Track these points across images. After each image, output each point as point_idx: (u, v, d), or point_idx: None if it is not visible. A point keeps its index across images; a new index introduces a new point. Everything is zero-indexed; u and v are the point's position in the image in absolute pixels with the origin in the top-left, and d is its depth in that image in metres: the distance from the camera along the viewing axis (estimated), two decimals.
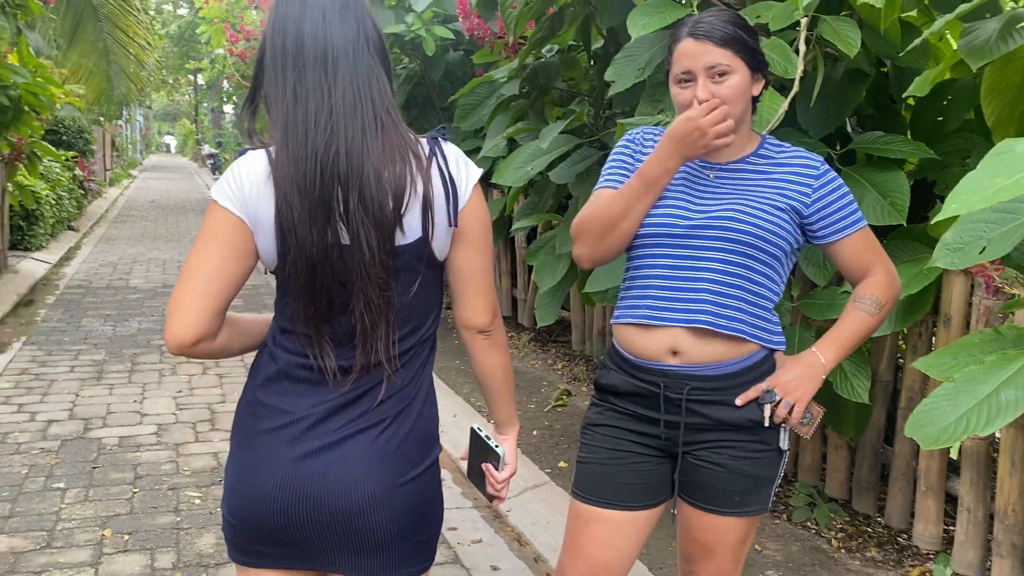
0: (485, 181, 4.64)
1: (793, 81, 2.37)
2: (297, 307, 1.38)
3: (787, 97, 2.31)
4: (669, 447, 1.75)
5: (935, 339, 2.98)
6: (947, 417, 1.58)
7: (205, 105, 39.75)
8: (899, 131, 2.98)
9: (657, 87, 2.94)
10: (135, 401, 4.80)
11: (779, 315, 1.79)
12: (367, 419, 1.41)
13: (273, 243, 1.35)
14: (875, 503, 3.30)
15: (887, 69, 3.10)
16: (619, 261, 1.88)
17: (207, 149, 31.21)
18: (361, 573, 1.45)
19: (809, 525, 3.25)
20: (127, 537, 3.13)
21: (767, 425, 1.70)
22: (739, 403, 1.69)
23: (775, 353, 1.76)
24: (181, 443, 4.14)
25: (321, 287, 1.35)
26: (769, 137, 1.80)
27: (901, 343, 3.31)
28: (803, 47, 2.41)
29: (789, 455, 2.03)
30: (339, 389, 1.40)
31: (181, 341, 1.36)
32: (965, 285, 2.80)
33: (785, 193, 1.69)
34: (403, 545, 1.44)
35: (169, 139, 59.72)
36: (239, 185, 1.35)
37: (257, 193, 1.34)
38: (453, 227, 1.41)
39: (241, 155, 1.39)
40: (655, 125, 1.95)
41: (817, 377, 1.71)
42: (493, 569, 2.98)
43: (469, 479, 1.67)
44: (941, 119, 2.94)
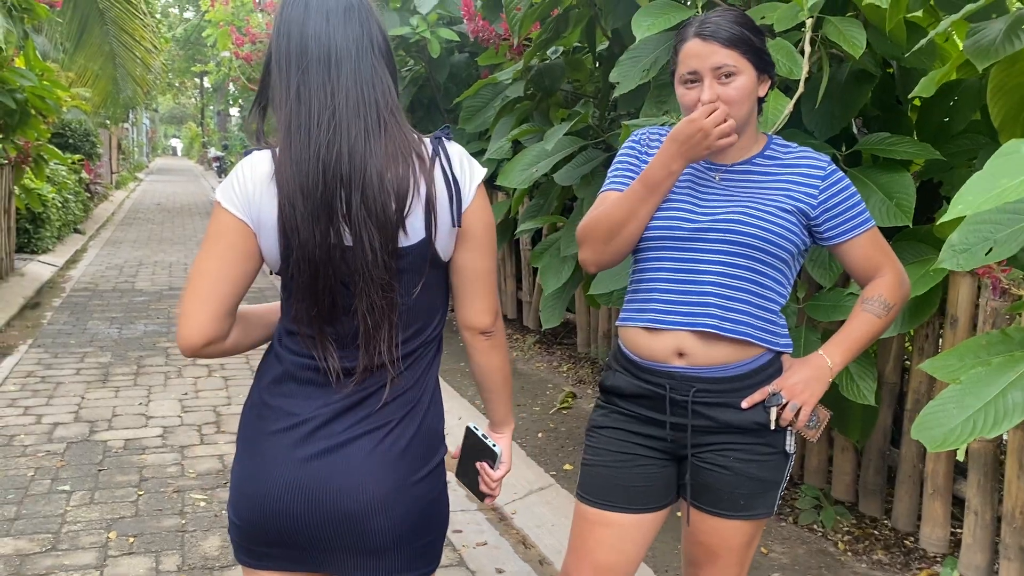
0: (490, 183, 4.64)
1: (798, 82, 2.36)
2: (300, 308, 1.39)
3: (792, 98, 2.31)
4: (675, 450, 1.75)
5: (942, 341, 2.97)
6: (954, 419, 1.57)
7: (211, 108, 39.83)
8: (905, 132, 2.98)
9: (662, 88, 2.94)
10: (141, 404, 4.81)
11: (784, 317, 1.78)
12: (373, 421, 1.41)
13: (276, 244, 1.36)
14: (882, 506, 3.28)
15: (893, 70, 3.09)
16: (624, 263, 1.88)
17: (213, 152, 31.29)
18: (367, 575, 1.44)
19: (815, 528, 3.24)
20: (132, 539, 3.14)
21: (773, 428, 1.69)
22: (745, 406, 1.67)
23: (782, 356, 1.75)
24: (186, 445, 4.14)
25: (324, 288, 1.35)
26: (776, 137, 1.78)
27: (907, 345, 3.30)
28: (808, 48, 2.41)
29: (795, 458, 2.03)
30: (343, 390, 1.40)
31: (192, 344, 1.39)
32: (972, 286, 2.79)
33: (791, 195, 1.68)
34: (409, 547, 1.44)
35: (175, 142, 59.89)
36: (242, 187, 1.36)
37: (260, 194, 1.35)
38: (457, 228, 1.41)
39: (246, 155, 1.40)
40: (661, 126, 1.94)
41: (824, 380, 1.69)
42: (498, 572, 2.97)
43: (457, 477, 1.67)
44: (947, 120, 2.93)
